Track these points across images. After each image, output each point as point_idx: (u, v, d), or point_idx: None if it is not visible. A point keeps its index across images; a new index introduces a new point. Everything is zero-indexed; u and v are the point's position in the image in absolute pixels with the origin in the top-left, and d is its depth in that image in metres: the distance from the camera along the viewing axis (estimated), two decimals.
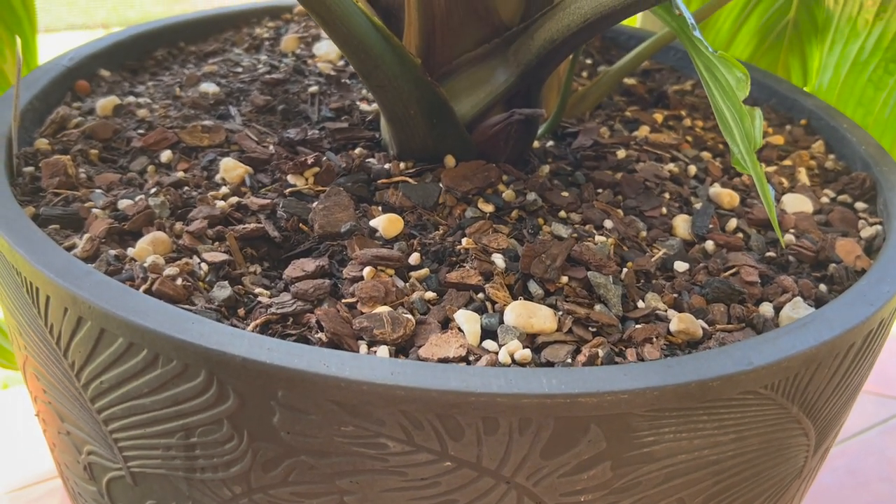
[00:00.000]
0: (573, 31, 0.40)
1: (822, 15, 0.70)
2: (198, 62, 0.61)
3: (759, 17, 0.76)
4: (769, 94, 0.61)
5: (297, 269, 0.37)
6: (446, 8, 0.42)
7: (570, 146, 0.52)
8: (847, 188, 0.50)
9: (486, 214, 0.42)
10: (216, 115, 0.51)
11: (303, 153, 0.46)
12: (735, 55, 0.78)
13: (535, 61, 0.43)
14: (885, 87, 0.61)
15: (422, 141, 0.45)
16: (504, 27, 0.44)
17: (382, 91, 0.42)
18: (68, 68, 0.54)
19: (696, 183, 0.49)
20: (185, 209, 0.41)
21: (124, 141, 0.48)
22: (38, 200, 0.42)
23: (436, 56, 0.44)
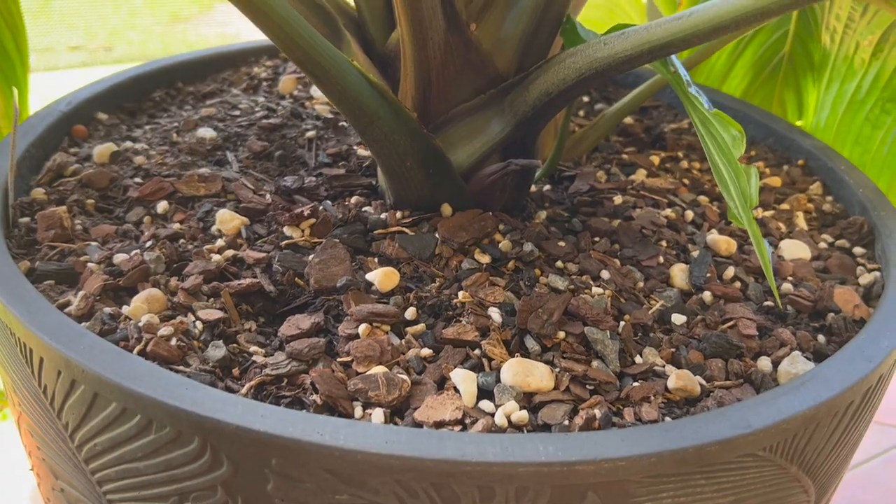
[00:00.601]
0: (568, 85, 0.41)
1: (817, 51, 0.70)
2: (195, 103, 0.61)
3: (755, 52, 0.76)
4: (766, 132, 0.61)
5: (293, 326, 0.37)
6: (442, 60, 0.42)
7: (566, 190, 0.52)
8: (845, 233, 0.50)
9: (483, 266, 0.42)
10: (213, 160, 0.52)
11: (299, 202, 0.46)
12: (730, 88, 0.78)
13: (530, 112, 0.43)
14: (882, 125, 0.61)
15: (418, 190, 0.45)
16: (500, 77, 0.44)
17: (378, 145, 0.42)
18: (65, 113, 0.54)
19: (693, 229, 0.49)
20: (181, 263, 0.41)
21: (121, 189, 0.48)
22: (34, 254, 0.42)
23: (432, 106, 0.44)
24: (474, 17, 0.43)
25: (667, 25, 0.35)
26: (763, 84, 0.76)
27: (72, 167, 0.49)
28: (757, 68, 0.76)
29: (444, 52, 0.42)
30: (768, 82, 0.76)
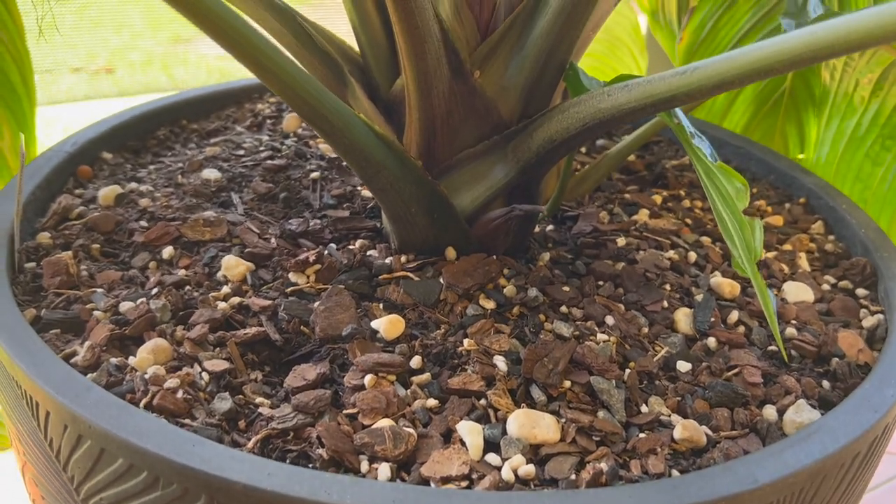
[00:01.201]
0: (572, 134, 0.41)
1: (818, 85, 0.71)
2: (200, 141, 0.62)
3: (756, 86, 0.76)
4: (768, 169, 0.62)
5: (298, 377, 0.37)
6: (446, 108, 0.43)
7: (570, 230, 0.52)
8: (848, 274, 0.50)
9: (488, 311, 0.42)
10: (218, 202, 0.52)
11: (304, 246, 0.46)
12: (732, 122, 0.78)
13: (534, 159, 0.43)
14: (882, 162, 0.61)
15: (423, 235, 0.45)
16: (503, 124, 0.45)
17: (384, 193, 0.42)
18: (70, 154, 0.55)
19: (696, 271, 0.49)
20: (187, 311, 0.41)
21: (126, 233, 0.48)
22: (40, 301, 0.42)
23: (436, 152, 0.45)
24: (478, 65, 0.44)
25: (670, 80, 0.35)
26: (765, 118, 0.77)
27: (77, 210, 0.50)
28: (758, 102, 0.76)
29: (448, 101, 0.43)
30: (770, 116, 0.76)
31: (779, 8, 0.73)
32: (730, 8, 0.75)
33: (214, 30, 0.30)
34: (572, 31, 0.43)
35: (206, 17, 0.30)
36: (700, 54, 0.77)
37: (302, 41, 0.46)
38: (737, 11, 0.75)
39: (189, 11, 0.30)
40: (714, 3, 0.75)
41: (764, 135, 0.78)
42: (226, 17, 0.30)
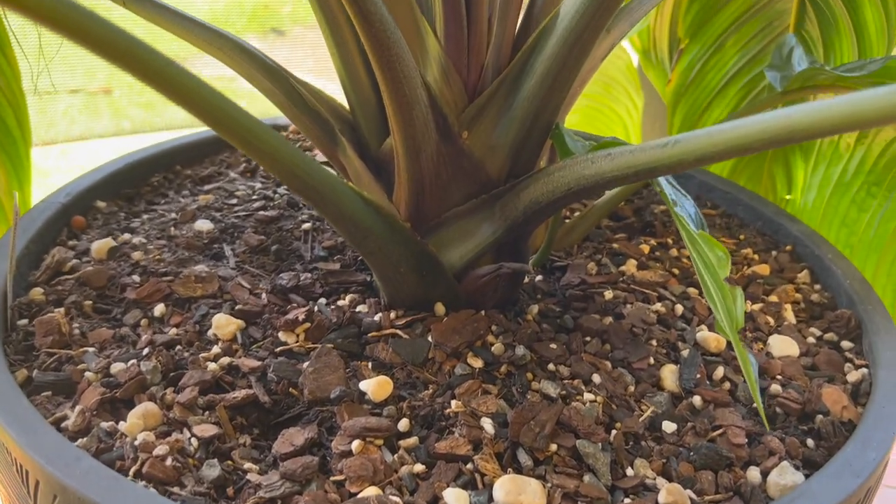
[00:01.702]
0: (557, 197, 0.41)
1: None
2: (193, 188, 0.62)
3: None
4: (755, 216, 0.62)
5: (286, 442, 0.37)
6: (435, 169, 0.43)
7: (558, 281, 0.53)
8: (833, 326, 0.51)
9: (476, 370, 0.43)
10: (210, 254, 0.52)
11: (295, 302, 0.47)
12: (719, 165, 0.79)
13: (521, 218, 0.44)
14: (868, 208, 0.62)
15: (412, 291, 0.45)
16: (491, 182, 0.45)
17: (373, 256, 0.42)
18: (64, 205, 0.55)
19: (683, 324, 0.49)
20: (178, 372, 0.41)
21: (119, 288, 0.48)
22: (32, 360, 0.43)
23: (425, 210, 0.45)
24: (466, 125, 0.44)
25: (651, 152, 0.36)
26: (753, 158, 0.78)
27: (70, 263, 0.50)
28: None
29: (436, 162, 0.43)
30: (758, 157, 0.77)
31: (765, 51, 0.75)
32: (717, 51, 0.76)
33: (199, 110, 0.31)
34: (558, 93, 0.44)
35: (190, 99, 0.30)
36: (689, 95, 0.78)
37: (293, 101, 0.47)
38: (724, 55, 0.76)
39: (172, 92, 0.30)
40: (702, 46, 0.77)
41: (752, 175, 0.79)
42: (211, 100, 0.31)
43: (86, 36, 0.26)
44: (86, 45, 0.26)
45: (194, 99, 0.30)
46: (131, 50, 0.27)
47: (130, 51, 0.27)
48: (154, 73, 0.28)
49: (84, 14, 0.26)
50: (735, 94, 0.76)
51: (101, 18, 0.26)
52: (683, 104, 0.78)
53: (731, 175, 0.80)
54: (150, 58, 0.28)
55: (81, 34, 0.26)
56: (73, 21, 0.26)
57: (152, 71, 0.28)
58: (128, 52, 0.27)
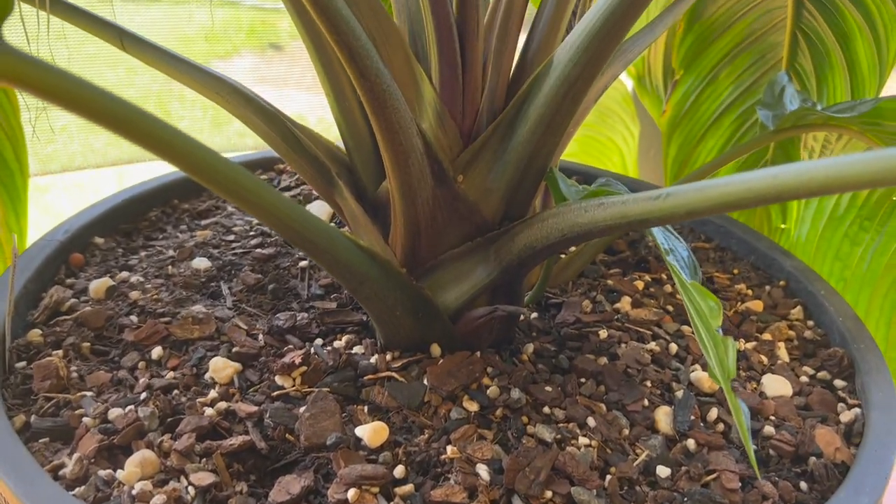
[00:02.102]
0: (551, 242, 0.42)
1: (798, 158, 0.72)
2: (191, 222, 0.63)
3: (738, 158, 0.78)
4: (748, 250, 0.63)
5: (283, 491, 0.38)
6: (430, 213, 0.44)
7: (553, 319, 0.53)
8: (826, 364, 0.51)
9: (472, 414, 0.43)
10: (207, 293, 0.53)
11: (291, 343, 0.47)
12: None
13: (516, 261, 0.44)
14: (861, 242, 0.63)
15: (408, 333, 0.46)
16: (486, 224, 0.46)
17: (369, 301, 0.43)
18: (62, 242, 0.56)
19: (677, 364, 0.50)
20: (175, 417, 0.42)
21: (117, 329, 0.49)
22: (30, 405, 0.43)
23: (421, 252, 0.46)
24: (461, 169, 0.45)
25: (643, 203, 0.36)
26: None
27: (68, 303, 0.50)
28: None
29: (432, 206, 0.44)
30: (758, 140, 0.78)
31: (759, 83, 0.75)
32: (712, 82, 0.77)
33: (192, 169, 0.31)
34: (552, 138, 0.45)
35: (183, 159, 0.31)
36: (684, 126, 0.79)
37: (290, 144, 0.47)
38: (718, 86, 0.77)
39: (166, 153, 0.31)
40: (696, 77, 0.77)
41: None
42: (204, 158, 0.31)
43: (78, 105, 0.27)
44: (81, 114, 0.26)
45: (187, 159, 0.31)
46: (128, 117, 0.27)
47: (127, 118, 0.27)
48: (146, 134, 0.29)
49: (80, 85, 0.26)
50: (729, 125, 0.77)
51: (96, 88, 0.27)
52: (679, 135, 0.78)
53: None
54: (142, 121, 0.28)
55: (75, 104, 0.26)
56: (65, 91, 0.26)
57: (144, 133, 0.29)
58: (125, 120, 0.27)
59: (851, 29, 0.68)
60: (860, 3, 0.67)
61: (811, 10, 0.70)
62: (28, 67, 0.25)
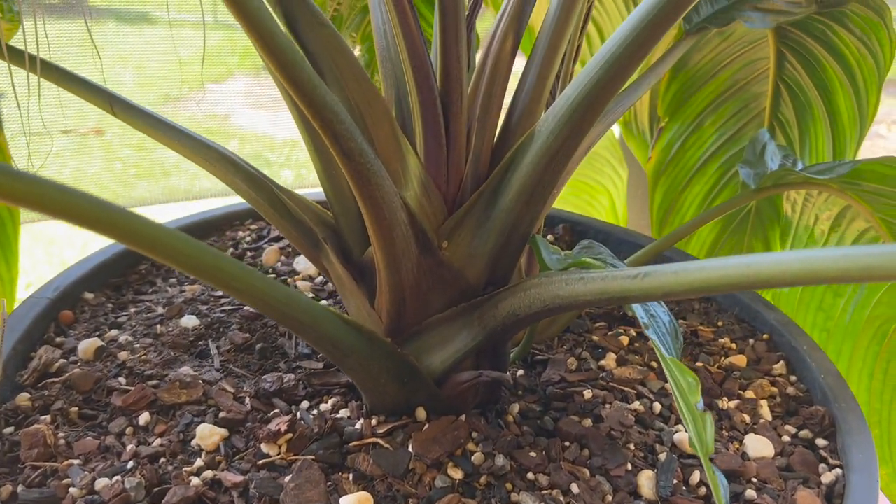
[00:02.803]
0: (534, 311, 0.43)
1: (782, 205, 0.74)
2: (180, 275, 0.63)
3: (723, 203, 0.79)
4: (733, 301, 0.64)
5: None
6: (415, 280, 0.45)
7: (539, 376, 0.53)
8: (807, 423, 0.52)
9: (456, 482, 0.43)
10: (196, 352, 0.53)
11: (278, 407, 0.48)
12: (700, 238, 0.81)
13: (500, 327, 0.45)
14: (843, 293, 0.63)
15: (393, 399, 0.46)
16: (471, 289, 0.46)
17: (354, 372, 0.43)
18: (52, 300, 0.56)
19: (661, 423, 0.50)
20: (162, 487, 0.42)
21: (105, 391, 0.49)
22: (17, 474, 0.43)
23: (406, 317, 0.46)
24: (446, 236, 0.46)
25: (623, 281, 0.37)
26: (732, 234, 0.79)
27: (57, 364, 0.51)
28: (726, 219, 0.79)
29: (417, 274, 0.44)
30: (737, 232, 0.79)
31: (743, 131, 0.77)
32: (696, 130, 0.78)
33: (175, 261, 0.32)
34: (535, 207, 0.45)
35: (168, 252, 0.31)
36: (669, 172, 0.80)
37: (277, 209, 0.48)
38: (703, 133, 0.78)
39: (154, 250, 0.31)
40: (681, 125, 0.79)
41: (732, 250, 0.80)
42: (186, 248, 0.32)
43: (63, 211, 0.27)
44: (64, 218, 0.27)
45: (171, 252, 0.31)
46: (110, 217, 0.28)
47: (110, 218, 0.28)
48: (134, 234, 0.29)
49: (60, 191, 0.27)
50: (714, 171, 0.78)
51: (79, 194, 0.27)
52: (664, 181, 0.79)
53: (713, 248, 0.81)
54: (127, 221, 0.29)
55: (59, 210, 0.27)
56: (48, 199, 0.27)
57: (131, 232, 0.29)
58: (107, 221, 0.28)
59: (832, 81, 0.69)
60: (840, 57, 0.68)
61: (793, 62, 0.71)
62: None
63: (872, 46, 0.65)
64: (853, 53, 0.67)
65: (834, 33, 0.67)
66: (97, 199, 0.28)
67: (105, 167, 1.79)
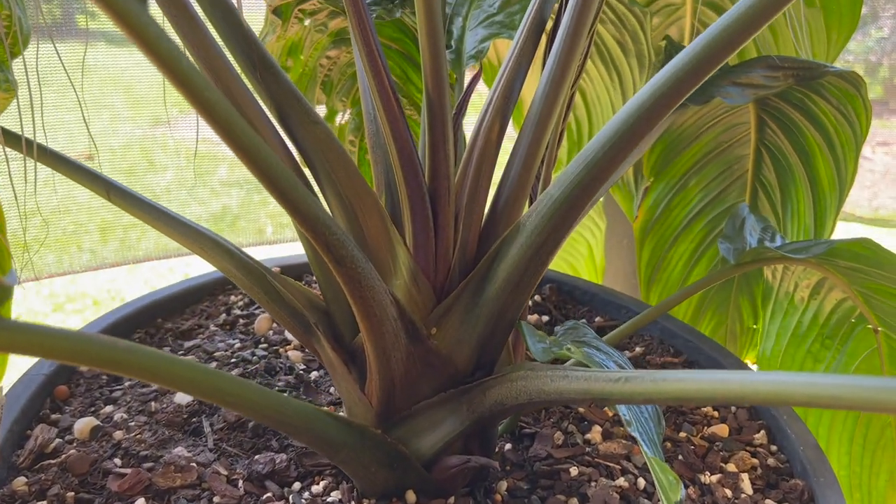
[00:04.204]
0: (520, 402, 0.44)
1: (762, 273, 0.75)
2: (174, 343, 0.64)
3: (709, 261, 0.81)
4: (715, 366, 0.65)
5: None
6: (405, 368, 0.46)
7: (527, 450, 0.55)
8: (787, 497, 0.53)
9: None
10: (189, 430, 0.54)
11: (270, 491, 0.49)
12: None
13: (487, 413, 0.46)
14: (823, 359, 0.65)
15: (383, 483, 0.47)
16: (459, 374, 0.48)
17: (345, 464, 0.45)
18: (48, 376, 0.57)
19: (645, 500, 0.51)
20: None
21: (101, 474, 0.50)
22: None
23: (396, 402, 0.47)
24: (435, 323, 0.47)
25: (605, 384, 0.38)
26: (720, 289, 0.81)
27: (53, 444, 0.52)
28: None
29: (406, 363, 0.46)
30: (724, 289, 0.80)
31: (727, 192, 0.78)
32: (681, 190, 0.80)
33: (173, 383, 0.33)
34: (521, 296, 0.47)
35: (166, 378, 0.33)
36: (656, 231, 0.82)
37: (270, 296, 0.49)
38: (688, 194, 0.80)
39: (144, 375, 0.32)
40: (667, 184, 0.80)
41: (720, 305, 0.82)
42: (187, 374, 0.33)
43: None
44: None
45: (168, 377, 0.32)
46: (113, 356, 0.29)
47: (112, 357, 0.29)
48: (129, 363, 0.31)
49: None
50: (700, 230, 0.80)
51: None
52: (651, 239, 0.81)
53: (701, 303, 0.83)
54: (128, 353, 0.30)
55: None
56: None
57: (127, 363, 0.31)
58: (110, 359, 0.29)
59: (812, 147, 0.71)
60: (819, 124, 0.70)
61: (773, 127, 0.73)
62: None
63: (849, 115, 0.67)
64: (831, 121, 0.69)
65: (812, 102, 0.69)
66: (76, 333, 0.29)
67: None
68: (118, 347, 0.29)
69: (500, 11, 0.60)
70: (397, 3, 0.58)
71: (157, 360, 0.31)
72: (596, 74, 0.78)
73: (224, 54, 0.45)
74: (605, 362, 0.44)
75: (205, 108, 0.30)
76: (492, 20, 0.60)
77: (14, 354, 0.27)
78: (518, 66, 0.51)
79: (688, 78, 0.40)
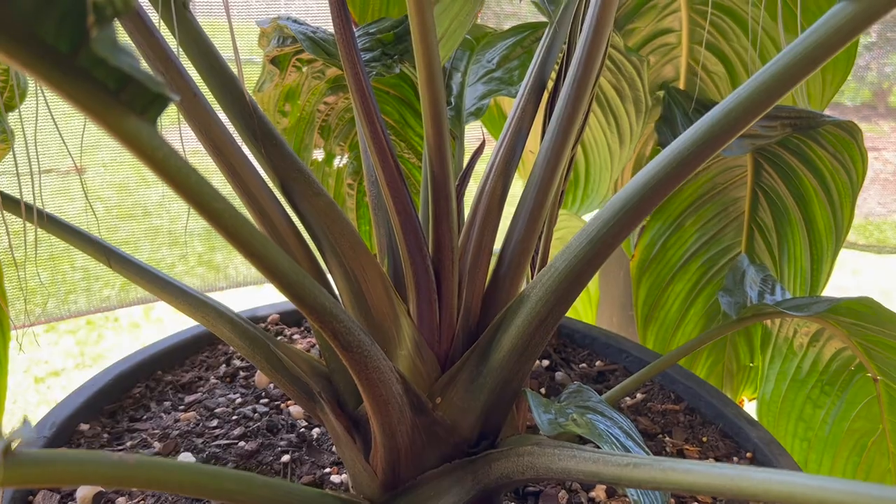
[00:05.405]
0: (526, 477, 0.44)
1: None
2: (174, 396, 0.64)
3: (706, 301, 0.81)
4: (715, 413, 0.65)
5: None
6: (409, 440, 0.46)
7: None
8: None
9: None
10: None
11: None
12: (685, 333, 0.83)
13: (493, 485, 0.46)
14: (823, 405, 0.65)
15: None
16: (464, 442, 0.47)
17: None
18: (48, 438, 0.56)
19: None
20: None
21: None
22: None
23: (401, 472, 0.47)
24: (439, 392, 0.47)
25: (615, 469, 0.38)
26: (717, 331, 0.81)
27: None
28: (709, 316, 0.80)
29: (411, 435, 0.46)
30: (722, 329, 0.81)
31: (723, 233, 0.79)
32: (677, 230, 0.80)
33: (181, 489, 0.33)
34: (525, 364, 0.47)
35: (170, 486, 0.32)
36: (652, 270, 0.82)
37: (273, 365, 0.49)
38: (684, 234, 0.80)
39: (146, 484, 0.32)
40: (663, 224, 0.81)
41: (717, 344, 0.82)
42: (191, 479, 0.33)
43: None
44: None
45: (174, 485, 0.32)
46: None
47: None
48: (131, 476, 0.30)
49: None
50: (696, 270, 0.80)
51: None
52: (647, 278, 0.81)
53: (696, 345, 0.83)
54: (133, 466, 0.30)
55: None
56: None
57: (128, 476, 0.30)
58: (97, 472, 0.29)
59: (808, 191, 0.72)
60: (815, 170, 0.70)
61: (769, 171, 0.73)
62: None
63: (845, 162, 0.68)
64: (827, 167, 0.69)
65: (809, 148, 0.69)
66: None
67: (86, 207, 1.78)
68: (104, 459, 0.29)
69: (498, 67, 0.60)
70: (395, 59, 0.58)
71: (156, 468, 0.31)
72: (593, 119, 0.78)
73: (226, 128, 0.45)
74: (611, 429, 0.44)
75: (213, 217, 0.30)
76: (490, 76, 0.60)
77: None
78: (519, 129, 0.51)
79: (690, 160, 0.40)
